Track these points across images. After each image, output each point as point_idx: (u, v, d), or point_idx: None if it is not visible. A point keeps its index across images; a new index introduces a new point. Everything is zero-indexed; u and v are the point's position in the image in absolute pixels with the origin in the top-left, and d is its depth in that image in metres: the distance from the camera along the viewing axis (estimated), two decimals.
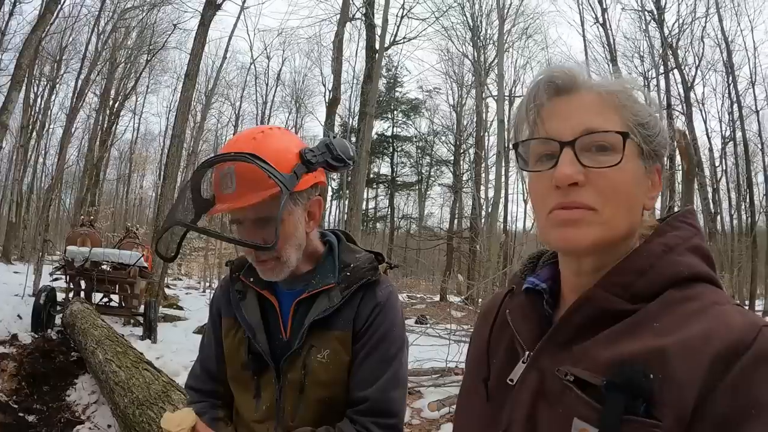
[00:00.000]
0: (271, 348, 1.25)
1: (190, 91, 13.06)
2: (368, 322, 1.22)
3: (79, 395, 5.00)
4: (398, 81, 25.40)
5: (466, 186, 24.84)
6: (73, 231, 10.16)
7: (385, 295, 1.25)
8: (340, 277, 1.25)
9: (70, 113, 20.00)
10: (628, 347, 0.65)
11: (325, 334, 1.22)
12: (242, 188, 1.12)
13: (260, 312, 1.27)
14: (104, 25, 21.70)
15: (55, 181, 16.44)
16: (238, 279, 1.33)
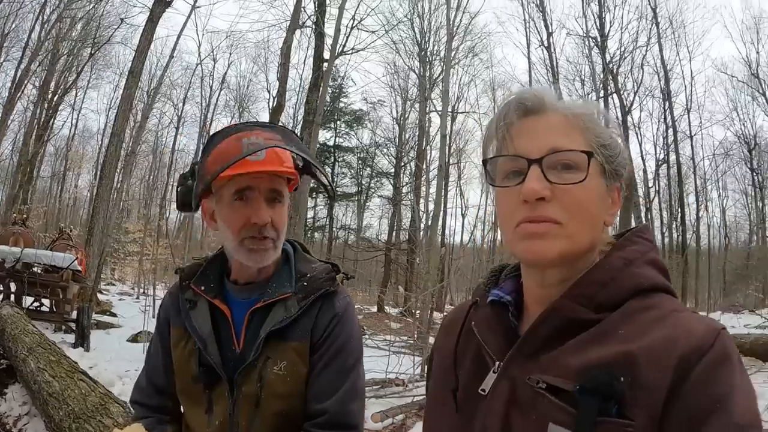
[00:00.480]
0: (223, 360, 1.20)
1: (133, 88, 12.71)
2: (326, 332, 1.21)
3: (9, 406, 4.79)
4: (343, 91, 25.54)
5: (405, 198, 25.15)
6: (5, 229, 9.73)
7: (343, 306, 1.24)
8: (297, 286, 1.23)
9: (6, 104, 18.91)
10: (596, 353, 0.69)
11: (281, 345, 1.19)
12: (271, 158, 1.15)
13: (211, 322, 1.22)
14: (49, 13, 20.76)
15: None
16: (188, 287, 1.28)
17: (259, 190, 1.16)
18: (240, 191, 1.15)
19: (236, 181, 1.15)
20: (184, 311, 1.26)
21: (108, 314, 12.13)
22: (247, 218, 1.15)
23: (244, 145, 1.11)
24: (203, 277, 1.27)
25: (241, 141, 1.12)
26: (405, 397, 5.69)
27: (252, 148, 1.10)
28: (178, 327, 1.27)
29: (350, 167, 28.43)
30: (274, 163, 1.16)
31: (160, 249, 17.82)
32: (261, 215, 1.15)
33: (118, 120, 12.66)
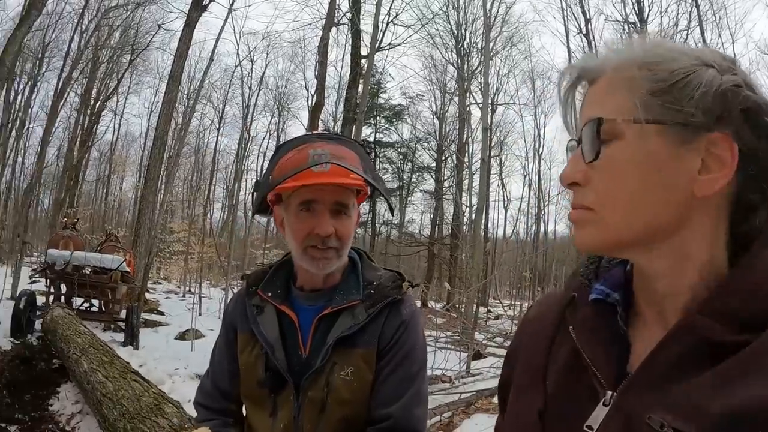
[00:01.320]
0: (289, 365, 1.22)
1: (174, 92, 12.95)
2: (393, 339, 1.22)
3: (62, 405, 4.86)
4: (382, 87, 25.29)
5: (447, 192, 24.94)
6: (56, 233, 9.96)
7: (410, 314, 1.25)
8: (364, 294, 1.24)
9: (50, 112, 19.60)
10: (744, 395, 0.49)
11: (349, 352, 1.20)
12: (337, 169, 1.14)
13: (279, 328, 1.25)
14: (87, 23, 21.37)
15: (35, 182, 16.10)
16: (255, 293, 1.30)
17: (323, 203, 1.18)
18: (305, 202, 1.18)
19: (301, 193, 1.17)
20: (251, 317, 1.28)
21: (155, 313, 12.39)
22: (311, 228, 1.18)
23: (310, 156, 1.13)
24: (270, 283, 1.30)
25: (308, 152, 1.14)
26: (452, 394, 5.55)
27: (316, 159, 1.12)
28: (245, 332, 1.30)
29: (391, 162, 28.26)
30: (339, 175, 1.15)
31: (205, 248, 18.15)
32: (324, 227, 1.17)
33: (161, 124, 12.92)
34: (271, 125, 32.20)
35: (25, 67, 22.28)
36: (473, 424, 4.59)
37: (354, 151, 1.21)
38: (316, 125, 18.01)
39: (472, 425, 4.59)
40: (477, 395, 5.42)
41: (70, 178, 22.66)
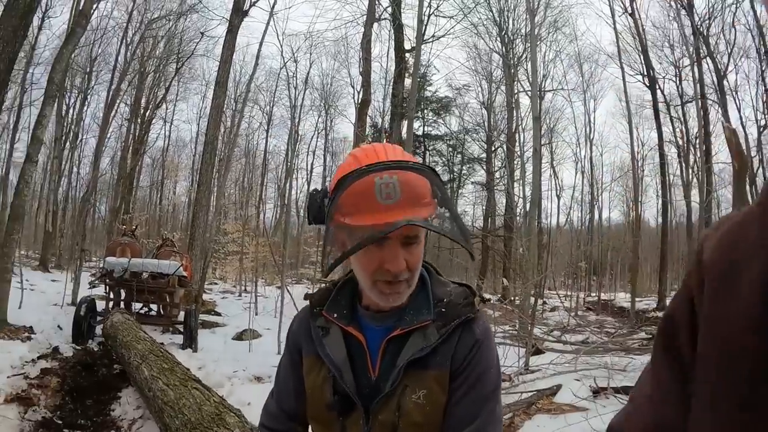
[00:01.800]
0: (358, 388, 1.17)
1: (221, 98, 13.13)
2: (467, 360, 1.14)
3: (123, 410, 4.94)
4: (427, 80, 24.98)
5: (499, 183, 24.46)
6: (114, 241, 10.24)
7: (483, 333, 1.17)
8: (435, 313, 1.16)
9: (102, 124, 20.40)
10: None
11: (421, 374, 1.14)
12: (408, 200, 1.05)
13: (346, 350, 1.19)
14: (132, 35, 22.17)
15: (90, 191, 16.76)
16: (319, 314, 1.24)
17: (394, 237, 1.07)
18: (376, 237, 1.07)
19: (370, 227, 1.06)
20: (317, 339, 1.23)
21: (212, 313, 12.63)
22: (380, 263, 1.09)
23: (377, 187, 1.04)
24: (335, 303, 1.24)
25: (373, 181, 1.04)
26: (511, 393, 5.33)
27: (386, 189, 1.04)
28: (311, 355, 1.25)
29: (441, 155, 27.99)
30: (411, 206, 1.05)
31: (259, 247, 18.45)
32: (396, 264, 1.08)
33: (210, 129, 13.15)
34: (319, 124, 32.51)
35: (75, 82, 23.31)
36: (535, 426, 4.38)
37: (424, 176, 1.09)
38: (364, 122, 18.04)
39: (533, 427, 4.38)
40: (538, 394, 5.19)
41: (124, 185, 23.59)
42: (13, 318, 7.58)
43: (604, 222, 30.36)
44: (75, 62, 21.54)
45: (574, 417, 4.35)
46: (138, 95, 24.37)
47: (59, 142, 18.43)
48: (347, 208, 1.06)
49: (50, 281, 14.26)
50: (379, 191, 1.03)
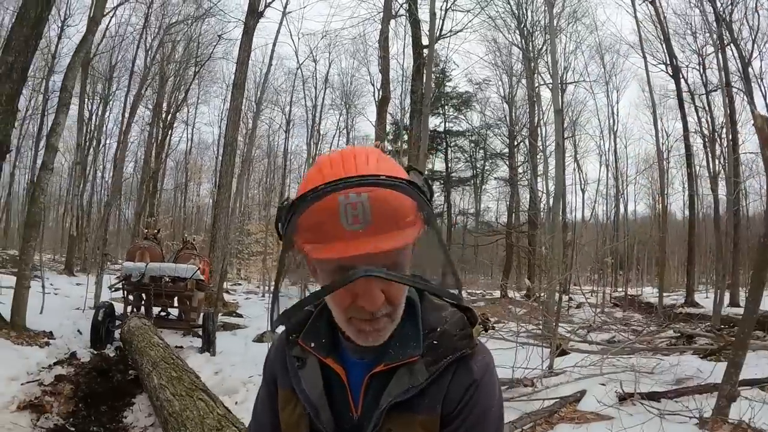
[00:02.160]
0: (338, 427, 1.01)
1: (239, 99, 13.16)
2: (462, 403, 0.97)
3: (135, 417, 4.89)
4: (447, 75, 24.80)
5: (522, 178, 24.11)
6: (134, 245, 10.28)
7: (482, 370, 0.99)
8: (425, 346, 0.97)
9: (124, 128, 20.71)
10: None
11: (406, 418, 0.96)
12: (380, 225, 0.83)
13: (324, 384, 1.02)
14: (151, 41, 22.46)
15: (113, 196, 17.01)
16: (295, 343, 1.06)
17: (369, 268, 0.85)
18: (343, 269, 0.85)
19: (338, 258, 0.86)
20: (292, 370, 1.07)
21: (234, 315, 12.64)
22: (353, 298, 0.89)
23: (341, 206, 0.83)
24: (313, 330, 1.06)
25: (337, 201, 0.83)
26: (533, 400, 5.12)
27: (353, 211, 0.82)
28: (286, 389, 1.09)
29: (463, 151, 27.79)
30: (385, 238, 0.84)
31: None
32: (372, 301, 0.88)
33: (229, 131, 13.20)
34: (340, 122, 32.54)
35: (97, 89, 23.71)
36: None
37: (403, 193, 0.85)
38: (384, 119, 17.90)
39: None
40: (561, 402, 4.96)
41: (147, 188, 23.94)
42: (34, 323, 7.66)
43: (630, 215, 29.78)
44: (96, 69, 21.94)
45: (598, 427, 4.14)
46: (159, 99, 24.73)
47: (81, 148, 18.75)
48: (309, 233, 0.87)
49: (74, 285, 14.51)
50: (344, 214, 0.83)
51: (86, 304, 9.75)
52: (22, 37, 7.21)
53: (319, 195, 0.83)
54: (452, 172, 27.41)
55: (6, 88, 7.07)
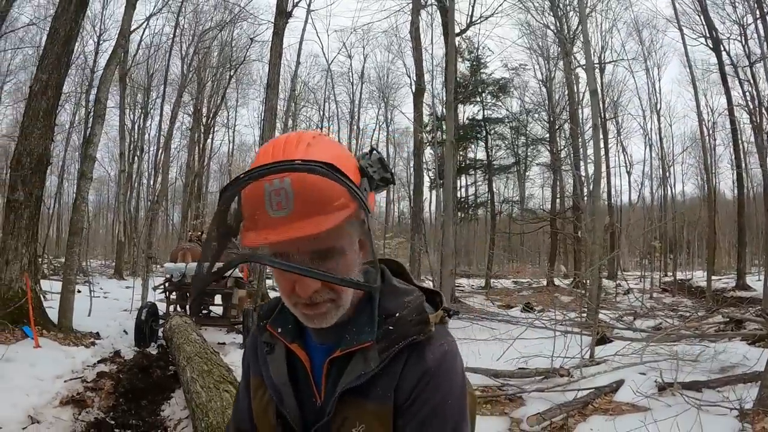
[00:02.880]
0: (303, 413, 1.01)
1: (274, 100, 13.30)
2: (414, 394, 0.94)
3: (172, 410, 5.05)
4: (482, 62, 24.39)
5: (564, 163, 23.51)
6: (177, 247, 10.58)
7: (438, 358, 0.95)
8: (380, 332, 0.95)
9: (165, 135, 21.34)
10: None
11: (358, 405, 0.95)
12: (304, 209, 0.84)
13: (288, 370, 1.03)
14: (186, 48, 23.06)
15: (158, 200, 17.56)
16: (265, 329, 1.08)
17: (299, 254, 0.88)
18: (278, 255, 0.88)
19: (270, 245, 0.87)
20: (261, 357, 1.10)
21: None
22: (291, 285, 0.91)
23: (266, 193, 0.84)
24: (281, 316, 1.07)
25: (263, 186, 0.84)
26: (568, 391, 4.98)
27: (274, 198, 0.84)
28: (257, 375, 1.12)
29: (503, 138, 27.27)
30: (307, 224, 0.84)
31: None
32: (304, 287, 0.90)
33: (266, 131, 13.38)
34: (379, 116, 32.59)
35: (137, 99, 24.53)
36: (588, 429, 4.04)
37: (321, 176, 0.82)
38: (420, 110, 17.81)
39: (586, 430, 4.03)
40: (596, 392, 4.80)
41: (191, 192, 24.61)
42: (82, 325, 8.03)
43: (678, 196, 28.65)
44: (134, 80, 22.68)
45: (632, 420, 3.97)
46: (198, 105, 25.37)
47: (124, 156, 19.51)
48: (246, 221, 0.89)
49: (123, 288, 15.19)
50: (269, 201, 0.84)
51: (133, 306, 10.14)
52: (54, 55, 7.53)
53: (245, 181, 0.82)
54: (493, 160, 27.00)
55: (43, 105, 7.41)
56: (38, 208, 7.65)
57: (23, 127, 7.62)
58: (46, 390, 5.02)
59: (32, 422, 4.25)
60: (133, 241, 21.58)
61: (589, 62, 9.76)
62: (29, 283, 6.97)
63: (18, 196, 7.15)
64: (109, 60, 9.06)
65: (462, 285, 22.35)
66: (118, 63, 10.09)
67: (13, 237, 7.11)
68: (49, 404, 4.71)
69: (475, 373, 6.01)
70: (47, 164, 7.66)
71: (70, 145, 25.27)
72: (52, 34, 7.71)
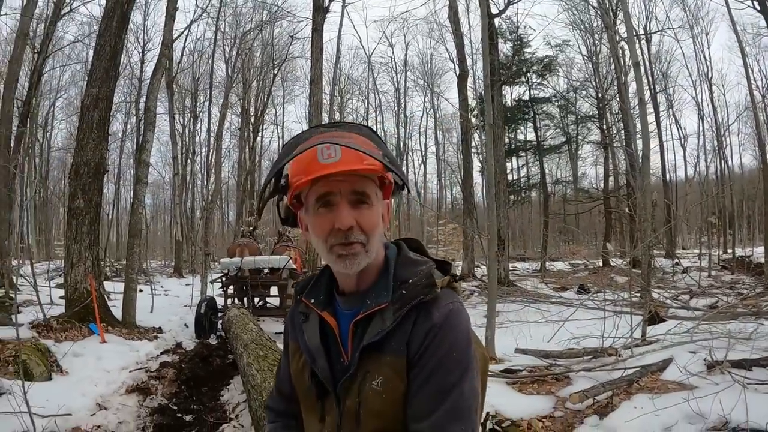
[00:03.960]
0: (333, 373, 1.17)
1: (318, 95, 13.52)
2: (423, 347, 1.09)
3: (231, 395, 5.36)
4: (524, 41, 23.80)
5: (615, 140, 22.74)
6: (233, 244, 10.93)
7: (443, 315, 1.10)
8: (394, 296, 1.12)
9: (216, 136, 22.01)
10: None
11: (377, 358, 1.11)
12: (347, 158, 1.06)
13: (320, 336, 1.20)
14: (228, 50, 23.68)
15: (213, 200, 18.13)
16: (301, 301, 1.27)
17: (340, 194, 1.09)
18: (321, 197, 1.09)
19: (316, 189, 1.09)
20: (297, 325, 1.27)
21: None
22: (331, 224, 1.09)
23: (318, 149, 1.06)
24: (314, 289, 1.26)
25: (315, 144, 1.07)
26: (616, 370, 4.96)
27: (324, 150, 1.06)
28: (294, 341, 1.29)
29: (552, 118, 26.61)
30: (351, 162, 1.07)
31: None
32: (342, 220, 1.08)
33: (312, 126, 13.61)
34: (426, 103, 32.47)
35: (185, 103, 25.36)
36: (632, 407, 4.02)
37: (362, 134, 1.14)
38: (465, 95, 17.69)
39: (630, 408, 4.01)
40: (642, 371, 4.75)
41: (244, 189, 25.30)
42: (145, 321, 8.52)
43: (737, 169, 27.20)
44: (181, 86, 23.46)
45: (676, 398, 3.93)
46: (245, 105, 25.99)
47: (177, 160, 20.26)
48: (295, 174, 1.10)
49: (183, 286, 15.84)
50: (320, 153, 1.05)
51: (193, 302, 10.57)
52: (101, 69, 7.96)
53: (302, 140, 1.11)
54: (543, 140, 26.43)
55: (95, 117, 7.84)
56: (98, 213, 8.09)
57: (79, 139, 8.09)
58: (113, 380, 5.42)
59: (100, 409, 4.60)
60: (190, 240, 22.46)
61: (630, 34, 9.45)
62: (93, 284, 7.42)
63: (79, 203, 7.60)
64: (155, 69, 9.47)
65: (517, 268, 22.12)
66: (164, 71, 10.54)
67: (76, 242, 7.57)
68: (115, 393, 5.09)
69: (525, 353, 6.07)
70: (104, 172, 8.10)
71: (124, 152, 26.57)
72: (98, 51, 8.13)
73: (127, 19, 8.71)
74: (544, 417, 4.22)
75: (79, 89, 24.83)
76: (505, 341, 6.61)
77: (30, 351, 5.26)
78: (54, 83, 26.28)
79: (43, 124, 26.85)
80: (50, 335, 6.39)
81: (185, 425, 4.58)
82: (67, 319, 6.98)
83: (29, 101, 14.61)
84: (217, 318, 8.34)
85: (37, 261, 17.12)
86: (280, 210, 1.24)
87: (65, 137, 30.07)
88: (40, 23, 17.77)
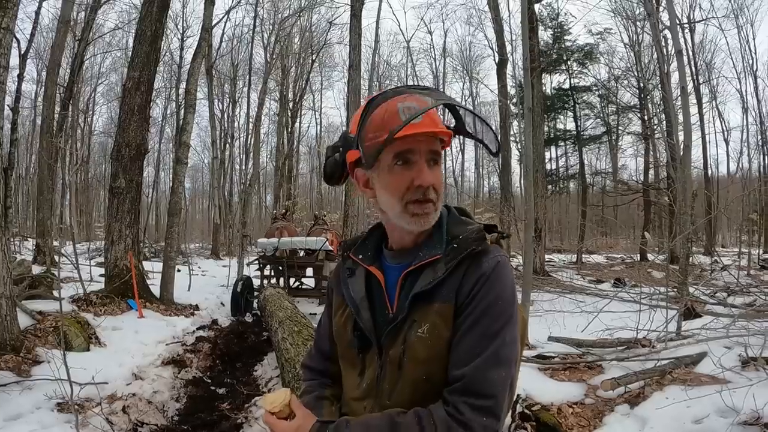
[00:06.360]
0: (376, 325, 1.22)
1: (356, 81, 13.52)
2: (471, 294, 1.14)
3: (264, 370, 5.50)
4: (564, 29, 23.32)
5: (657, 131, 22.12)
6: (271, 226, 11.05)
7: (492, 266, 1.16)
8: (446, 249, 1.19)
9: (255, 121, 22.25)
10: None
11: (426, 308, 1.16)
12: (427, 119, 1.14)
13: (366, 289, 1.26)
14: (267, 37, 23.92)
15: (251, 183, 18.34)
16: (348, 257, 1.34)
17: (420, 153, 1.15)
18: (401, 154, 1.14)
19: (397, 145, 1.13)
20: (342, 280, 1.32)
21: None
22: (410, 181, 1.15)
23: (400, 110, 1.11)
24: (363, 246, 1.33)
25: (396, 105, 1.12)
26: (649, 360, 4.90)
27: (407, 112, 1.11)
28: (339, 296, 1.34)
29: (592, 107, 26.05)
30: (432, 124, 1.15)
31: None
32: (425, 177, 1.14)
33: (351, 112, 13.66)
34: (464, 90, 32.13)
35: (224, 89, 25.69)
36: (663, 398, 3.98)
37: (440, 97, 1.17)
38: (504, 82, 17.46)
39: (662, 399, 3.97)
40: (675, 363, 4.68)
41: (282, 174, 25.56)
42: (182, 299, 8.76)
43: None
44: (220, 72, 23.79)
45: (708, 390, 3.87)
46: (283, 91, 26.19)
47: (216, 144, 20.58)
48: (374, 131, 1.13)
49: (221, 267, 16.23)
50: (402, 112, 1.11)
51: (229, 282, 10.80)
52: (142, 54, 8.15)
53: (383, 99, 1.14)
54: (583, 130, 25.90)
55: (137, 99, 8.05)
56: (138, 193, 8.31)
57: (120, 121, 8.31)
58: (149, 353, 5.61)
59: (136, 379, 4.76)
60: (228, 222, 22.85)
61: (673, 21, 9.13)
62: (133, 261, 7.65)
63: (120, 183, 7.83)
64: (195, 53, 9.65)
65: (553, 260, 21.85)
66: (204, 57, 10.72)
67: (117, 220, 7.81)
68: (151, 364, 5.26)
69: (558, 342, 6.05)
70: (145, 153, 8.31)
71: (164, 137, 27.19)
72: (139, 35, 8.33)
73: (168, 5, 8.86)
74: (574, 403, 4.21)
75: (120, 75, 25.59)
76: (538, 329, 6.60)
77: (70, 323, 5.43)
78: (95, 69, 27.05)
79: (84, 109, 27.59)
80: (90, 309, 6.59)
81: (218, 397, 4.72)
82: (107, 295, 7.20)
83: (71, 86, 15.01)
84: (253, 297, 8.52)
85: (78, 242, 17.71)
86: (326, 167, 1.28)
87: (106, 122, 30.95)
88: (80, 11, 18.25)
